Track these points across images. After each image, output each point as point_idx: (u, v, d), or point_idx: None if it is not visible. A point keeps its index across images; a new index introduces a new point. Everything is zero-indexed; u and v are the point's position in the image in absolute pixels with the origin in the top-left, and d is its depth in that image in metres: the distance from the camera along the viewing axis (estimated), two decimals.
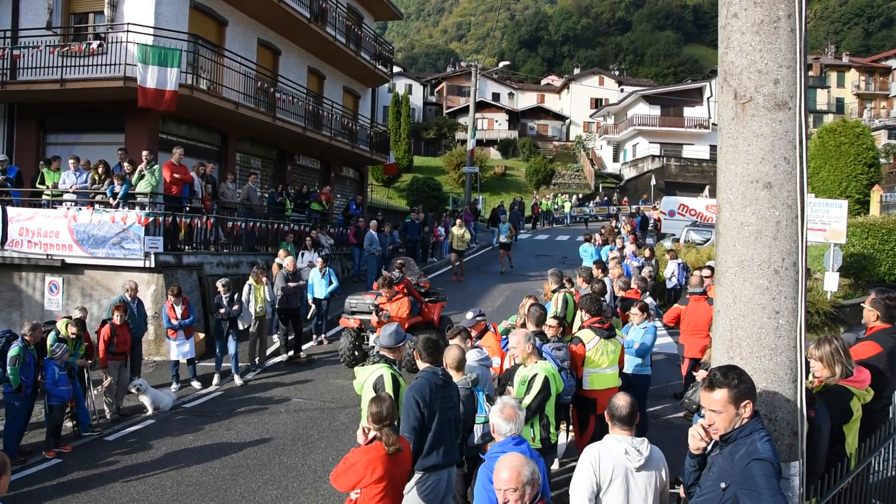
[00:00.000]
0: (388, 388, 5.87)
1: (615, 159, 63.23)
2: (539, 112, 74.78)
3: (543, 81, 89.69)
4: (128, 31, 16.31)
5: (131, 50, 16.03)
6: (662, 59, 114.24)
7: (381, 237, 20.62)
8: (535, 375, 6.39)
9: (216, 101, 17.85)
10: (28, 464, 9.14)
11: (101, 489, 8.26)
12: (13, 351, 9.21)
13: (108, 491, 8.20)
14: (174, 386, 12.21)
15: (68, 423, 10.22)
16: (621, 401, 4.57)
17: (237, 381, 12.49)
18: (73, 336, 10.33)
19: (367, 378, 6.15)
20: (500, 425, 4.81)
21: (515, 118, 72.63)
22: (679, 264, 17.86)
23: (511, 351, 7.00)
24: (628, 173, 57.08)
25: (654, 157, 53.55)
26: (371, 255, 20.10)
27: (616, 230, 22.77)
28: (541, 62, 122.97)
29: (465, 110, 59.16)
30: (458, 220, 23.60)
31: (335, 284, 14.92)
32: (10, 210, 15.02)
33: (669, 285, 17.85)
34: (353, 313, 13.17)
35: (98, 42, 17.06)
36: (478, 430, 6.48)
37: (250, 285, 13.16)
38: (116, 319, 10.97)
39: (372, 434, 5.06)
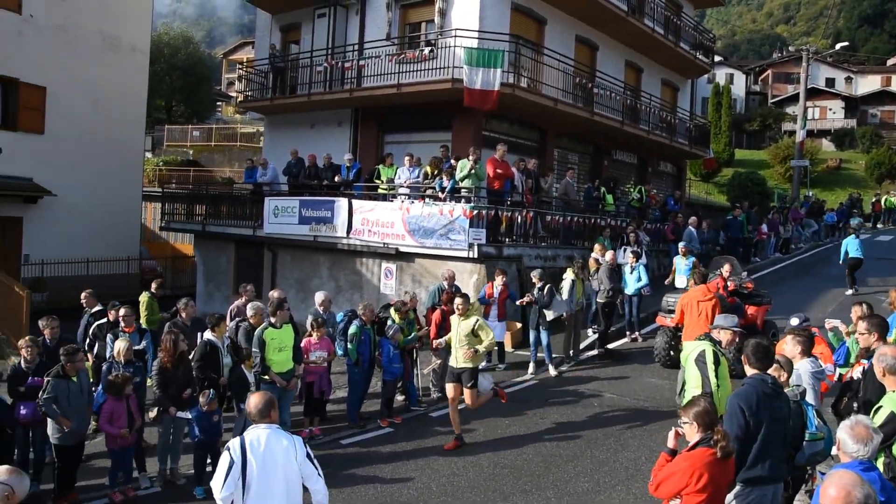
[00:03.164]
0: (710, 362, 6.64)
1: None
2: (883, 97, 65.41)
3: (889, 62, 78.29)
4: (455, 35, 17.34)
5: (458, 54, 16.98)
6: None
7: (699, 234, 19.66)
8: (881, 408, 5.35)
9: (536, 99, 18.29)
10: (366, 429, 10.15)
11: (426, 459, 8.84)
12: (352, 329, 10.34)
13: (432, 462, 8.74)
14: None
15: (399, 397, 11.18)
16: None
17: (551, 371, 12.61)
18: (403, 320, 11.13)
19: (691, 352, 6.91)
20: (846, 443, 4.18)
21: (853, 105, 64.58)
22: None
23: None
24: None
25: None
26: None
27: None
28: (887, 39, 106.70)
29: (792, 99, 54.21)
30: (469, 305, 9.61)
31: (644, 281, 14.43)
32: (355, 203, 16.78)
33: None
34: (670, 312, 12.63)
35: (429, 48, 18.40)
36: (805, 449, 5.78)
37: (572, 280, 13.17)
38: (446, 306, 11.64)
39: (694, 440, 4.77)
